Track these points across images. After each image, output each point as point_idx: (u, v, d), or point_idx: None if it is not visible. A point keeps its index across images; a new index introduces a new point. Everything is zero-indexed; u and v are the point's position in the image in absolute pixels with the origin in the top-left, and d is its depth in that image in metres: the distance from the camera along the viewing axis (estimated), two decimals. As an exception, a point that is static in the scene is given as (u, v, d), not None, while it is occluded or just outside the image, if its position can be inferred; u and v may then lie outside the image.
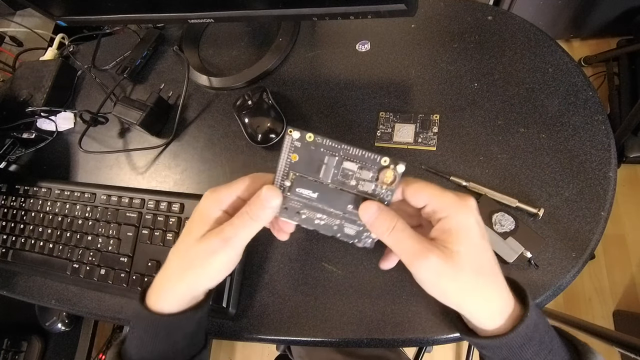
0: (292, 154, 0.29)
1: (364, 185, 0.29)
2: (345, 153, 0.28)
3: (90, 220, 0.51)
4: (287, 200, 0.30)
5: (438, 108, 0.46)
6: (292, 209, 0.30)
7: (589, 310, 1.10)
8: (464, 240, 0.27)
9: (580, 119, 0.41)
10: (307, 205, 0.30)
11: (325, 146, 0.28)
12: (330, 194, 0.29)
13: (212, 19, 0.51)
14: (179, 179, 0.54)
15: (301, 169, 0.29)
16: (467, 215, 0.27)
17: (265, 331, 0.41)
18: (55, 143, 0.64)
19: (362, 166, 0.28)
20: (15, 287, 0.55)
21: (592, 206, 0.38)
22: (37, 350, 0.78)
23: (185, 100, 0.57)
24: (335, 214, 0.30)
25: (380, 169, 0.28)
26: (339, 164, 0.28)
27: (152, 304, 0.31)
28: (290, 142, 0.28)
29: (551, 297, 0.37)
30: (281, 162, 0.29)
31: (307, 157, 0.29)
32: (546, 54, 0.44)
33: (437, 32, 0.49)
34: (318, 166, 0.29)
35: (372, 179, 0.28)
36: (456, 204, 0.27)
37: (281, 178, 0.29)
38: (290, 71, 0.54)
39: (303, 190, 0.29)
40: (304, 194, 0.29)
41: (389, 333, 0.38)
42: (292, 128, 0.28)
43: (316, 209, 0.30)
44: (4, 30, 0.93)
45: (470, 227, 0.27)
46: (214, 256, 0.29)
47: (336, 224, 0.30)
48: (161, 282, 0.32)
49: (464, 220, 0.27)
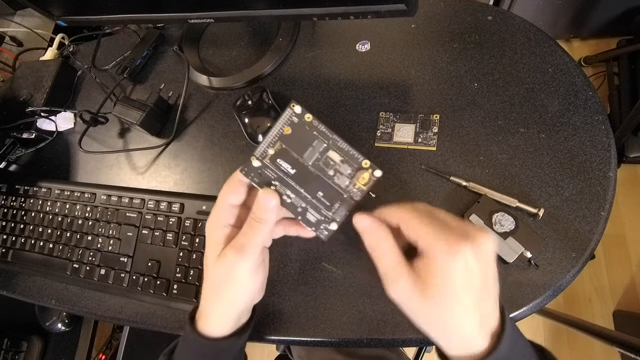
0: (286, 127, 0.30)
1: (339, 178, 0.30)
2: (334, 143, 0.30)
3: (90, 220, 0.51)
4: (264, 167, 0.31)
5: (438, 108, 0.46)
6: (265, 177, 0.31)
7: (589, 310, 1.10)
8: (442, 286, 0.25)
9: (580, 119, 0.41)
10: (280, 179, 0.31)
11: (318, 130, 0.30)
12: (307, 175, 0.30)
13: (212, 19, 0.51)
14: (179, 179, 0.54)
15: (289, 143, 0.30)
16: (453, 268, 0.25)
17: (265, 331, 0.41)
18: (55, 143, 0.64)
19: (344, 160, 0.30)
20: (15, 287, 0.55)
21: (592, 206, 0.38)
22: (37, 350, 0.78)
23: (185, 100, 0.57)
24: (303, 196, 0.31)
25: (359, 168, 0.30)
26: (324, 151, 0.30)
27: (201, 326, 0.33)
28: (290, 114, 0.30)
29: (551, 297, 0.37)
30: (274, 129, 0.30)
31: (298, 134, 0.30)
32: (546, 54, 0.44)
33: (437, 32, 0.49)
34: (305, 146, 0.30)
35: (349, 175, 0.30)
36: (445, 254, 0.25)
37: (267, 145, 0.30)
38: (290, 71, 0.54)
39: (283, 162, 0.30)
40: (282, 166, 0.30)
41: (389, 333, 0.38)
42: (296, 103, 0.29)
43: (288, 186, 0.31)
44: (4, 30, 0.93)
45: (451, 278, 0.25)
46: (235, 268, 0.30)
47: (301, 207, 0.31)
48: (203, 307, 0.33)
49: (448, 272, 0.25)
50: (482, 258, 0.26)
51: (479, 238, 0.26)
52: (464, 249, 0.25)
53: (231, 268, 0.30)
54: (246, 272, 0.30)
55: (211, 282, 0.32)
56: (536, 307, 0.36)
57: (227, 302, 0.32)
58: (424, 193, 0.42)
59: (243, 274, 0.30)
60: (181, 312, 0.45)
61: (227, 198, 0.31)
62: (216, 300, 0.32)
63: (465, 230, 0.26)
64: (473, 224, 0.29)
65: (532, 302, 0.36)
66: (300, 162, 0.30)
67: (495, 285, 0.27)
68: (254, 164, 0.30)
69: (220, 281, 0.31)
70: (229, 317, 0.32)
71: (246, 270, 0.30)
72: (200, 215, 0.46)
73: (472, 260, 0.25)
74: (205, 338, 0.32)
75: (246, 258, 0.30)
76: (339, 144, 0.30)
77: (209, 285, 0.32)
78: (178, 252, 0.45)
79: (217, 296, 0.32)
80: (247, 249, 0.30)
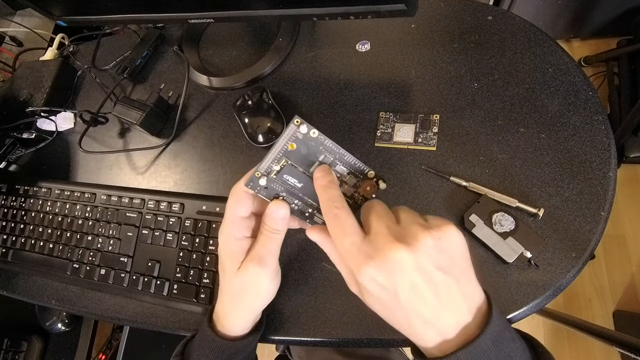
0: (291, 143, 0.29)
1: (344, 189, 0.31)
2: (341, 158, 0.30)
3: (90, 220, 0.51)
4: (270, 181, 0.31)
5: (438, 108, 0.46)
6: (272, 190, 0.31)
7: (589, 310, 1.09)
8: (373, 305, 0.27)
9: (580, 119, 0.41)
10: (287, 190, 0.31)
11: (325, 146, 0.29)
12: (311, 189, 0.30)
13: (212, 19, 0.51)
14: (179, 179, 0.54)
15: (294, 159, 0.30)
16: (364, 289, 0.26)
17: (265, 331, 0.41)
18: (55, 143, 0.64)
19: (350, 172, 0.30)
20: (15, 287, 0.55)
21: (592, 206, 0.38)
22: (37, 350, 0.78)
23: (185, 100, 0.57)
24: (310, 203, 0.32)
25: (365, 178, 0.31)
26: (331, 166, 0.30)
27: (220, 327, 0.35)
28: (294, 131, 0.28)
29: (551, 297, 0.36)
30: (277, 146, 0.29)
31: (304, 150, 0.29)
32: (546, 54, 0.44)
33: (437, 32, 0.49)
34: (311, 161, 0.30)
35: (354, 185, 0.31)
36: (353, 282, 0.27)
37: (271, 161, 0.30)
38: (290, 71, 0.54)
39: (290, 178, 0.30)
40: (289, 181, 0.31)
41: (389, 333, 0.38)
42: (300, 119, 0.28)
43: (294, 196, 0.31)
44: (4, 30, 0.93)
45: (370, 298, 0.26)
46: (258, 279, 0.32)
47: (308, 212, 0.32)
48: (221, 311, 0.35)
49: (364, 294, 0.27)
50: (388, 271, 0.24)
51: (388, 251, 0.24)
52: (364, 269, 0.25)
53: (254, 279, 0.32)
54: (267, 281, 0.33)
55: (232, 290, 0.34)
56: (536, 307, 0.36)
57: (248, 308, 0.35)
58: (424, 193, 0.42)
59: (264, 283, 0.33)
60: (181, 312, 0.45)
61: (236, 211, 0.32)
62: (236, 307, 0.34)
63: (382, 243, 0.25)
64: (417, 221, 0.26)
65: (532, 302, 0.36)
66: (306, 176, 0.30)
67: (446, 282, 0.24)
68: (260, 182, 0.30)
69: (241, 290, 0.33)
70: (248, 319, 0.35)
71: (267, 279, 0.33)
72: (200, 215, 0.46)
73: (379, 278, 0.25)
74: (225, 338, 0.34)
75: (267, 268, 0.32)
76: (346, 158, 0.30)
77: (229, 293, 0.34)
78: (178, 252, 0.45)
79: (238, 303, 0.34)
80: (267, 259, 0.32)
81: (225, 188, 0.50)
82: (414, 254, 0.24)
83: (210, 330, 0.35)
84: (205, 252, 0.44)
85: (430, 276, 0.24)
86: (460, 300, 0.25)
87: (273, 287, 0.35)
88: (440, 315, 0.24)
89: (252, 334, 0.36)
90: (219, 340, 0.34)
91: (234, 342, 0.34)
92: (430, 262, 0.24)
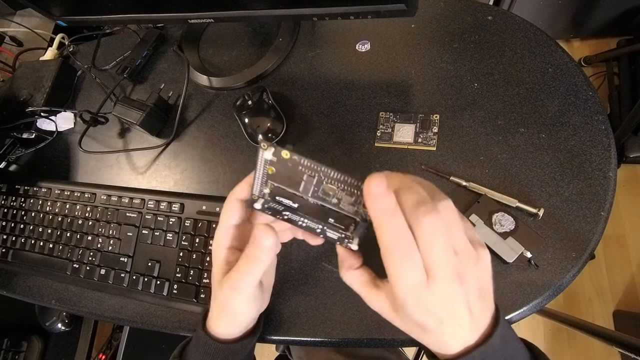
0: (269, 167, 0.27)
1: (345, 205, 0.28)
2: (326, 174, 0.27)
3: (90, 220, 0.51)
4: (267, 203, 0.29)
5: (438, 108, 0.46)
6: (274, 210, 0.29)
7: (589, 310, 1.09)
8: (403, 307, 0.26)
9: (580, 119, 0.41)
10: (288, 209, 0.29)
11: (303, 165, 0.27)
12: (311, 207, 0.29)
13: (212, 19, 0.51)
14: (179, 179, 0.54)
15: (280, 181, 0.28)
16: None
17: (265, 331, 0.41)
18: (55, 143, 0.64)
19: (342, 188, 0.27)
20: (15, 287, 0.55)
21: (592, 206, 0.38)
22: (37, 350, 0.78)
23: (185, 100, 0.57)
24: (317, 221, 0.29)
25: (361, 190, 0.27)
26: (319, 184, 0.27)
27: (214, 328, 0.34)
28: (263, 156, 0.26)
29: (551, 297, 0.37)
30: (257, 172, 0.28)
31: (285, 172, 0.27)
32: (546, 54, 0.44)
33: (437, 32, 0.49)
34: (297, 182, 0.28)
35: (354, 202, 0.28)
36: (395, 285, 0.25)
37: (260, 186, 0.28)
38: (290, 71, 0.54)
39: (283, 199, 0.29)
40: (284, 202, 0.29)
41: (389, 333, 0.38)
42: (267, 143, 0.26)
43: (298, 214, 0.29)
44: (4, 30, 0.93)
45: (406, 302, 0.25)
46: (232, 301, 0.32)
47: (319, 228, 0.30)
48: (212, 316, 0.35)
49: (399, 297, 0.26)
50: (442, 304, 0.25)
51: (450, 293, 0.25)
52: (420, 304, 0.25)
53: (228, 301, 0.32)
54: (242, 305, 0.32)
55: (216, 300, 0.33)
56: (536, 307, 0.36)
57: (231, 322, 0.34)
58: (424, 193, 0.42)
59: (239, 307, 0.32)
60: (181, 312, 0.45)
61: (226, 219, 0.32)
62: (222, 317, 0.34)
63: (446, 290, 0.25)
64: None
65: (532, 302, 0.36)
66: (298, 196, 0.28)
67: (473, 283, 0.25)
68: (255, 206, 0.29)
69: (222, 304, 0.33)
70: (237, 328, 0.35)
71: (242, 303, 0.32)
72: (200, 216, 0.46)
73: (433, 307, 0.25)
74: (217, 340, 0.34)
75: (241, 293, 0.31)
76: (330, 174, 0.27)
77: (215, 302, 0.34)
78: (178, 252, 0.45)
79: (224, 313, 0.34)
80: (241, 284, 0.31)
81: (225, 188, 0.50)
82: (462, 287, 0.25)
83: (203, 333, 0.34)
84: (205, 252, 0.44)
85: (470, 304, 0.25)
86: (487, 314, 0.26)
87: (253, 308, 0.34)
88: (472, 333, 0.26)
89: (247, 337, 0.35)
90: (213, 343, 0.34)
91: (228, 345, 0.34)
92: (474, 292, 0.25)
